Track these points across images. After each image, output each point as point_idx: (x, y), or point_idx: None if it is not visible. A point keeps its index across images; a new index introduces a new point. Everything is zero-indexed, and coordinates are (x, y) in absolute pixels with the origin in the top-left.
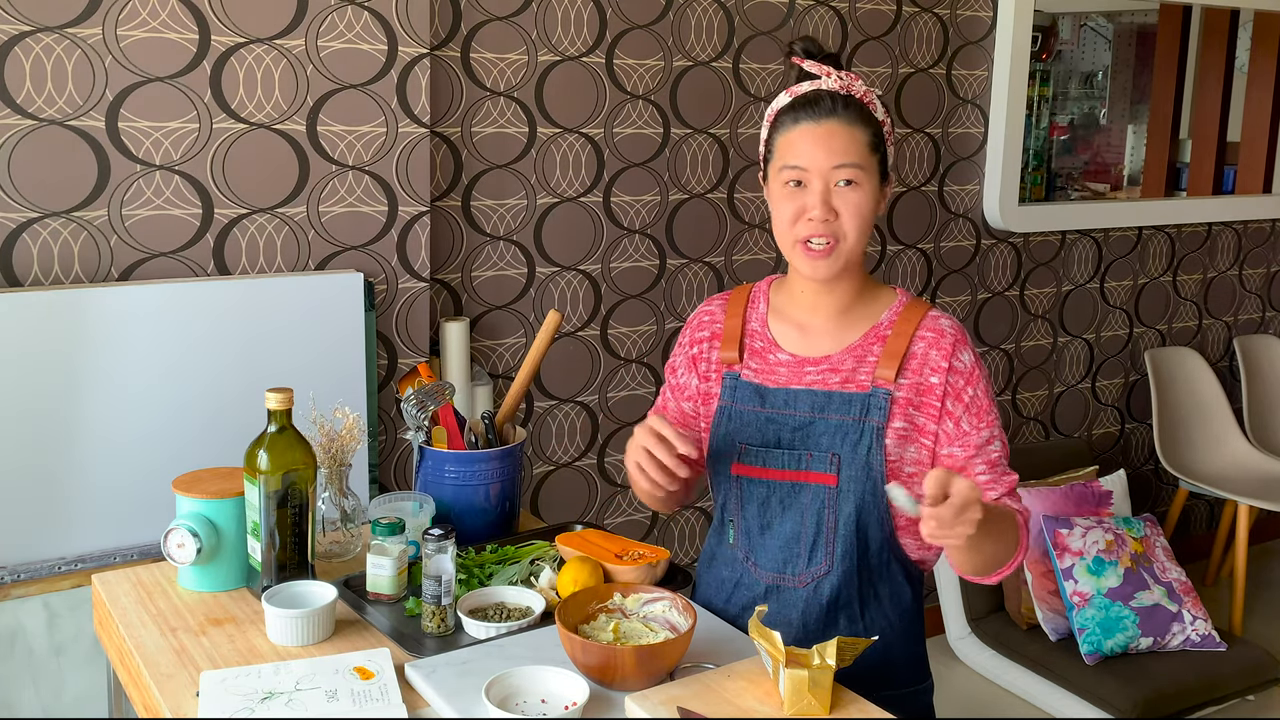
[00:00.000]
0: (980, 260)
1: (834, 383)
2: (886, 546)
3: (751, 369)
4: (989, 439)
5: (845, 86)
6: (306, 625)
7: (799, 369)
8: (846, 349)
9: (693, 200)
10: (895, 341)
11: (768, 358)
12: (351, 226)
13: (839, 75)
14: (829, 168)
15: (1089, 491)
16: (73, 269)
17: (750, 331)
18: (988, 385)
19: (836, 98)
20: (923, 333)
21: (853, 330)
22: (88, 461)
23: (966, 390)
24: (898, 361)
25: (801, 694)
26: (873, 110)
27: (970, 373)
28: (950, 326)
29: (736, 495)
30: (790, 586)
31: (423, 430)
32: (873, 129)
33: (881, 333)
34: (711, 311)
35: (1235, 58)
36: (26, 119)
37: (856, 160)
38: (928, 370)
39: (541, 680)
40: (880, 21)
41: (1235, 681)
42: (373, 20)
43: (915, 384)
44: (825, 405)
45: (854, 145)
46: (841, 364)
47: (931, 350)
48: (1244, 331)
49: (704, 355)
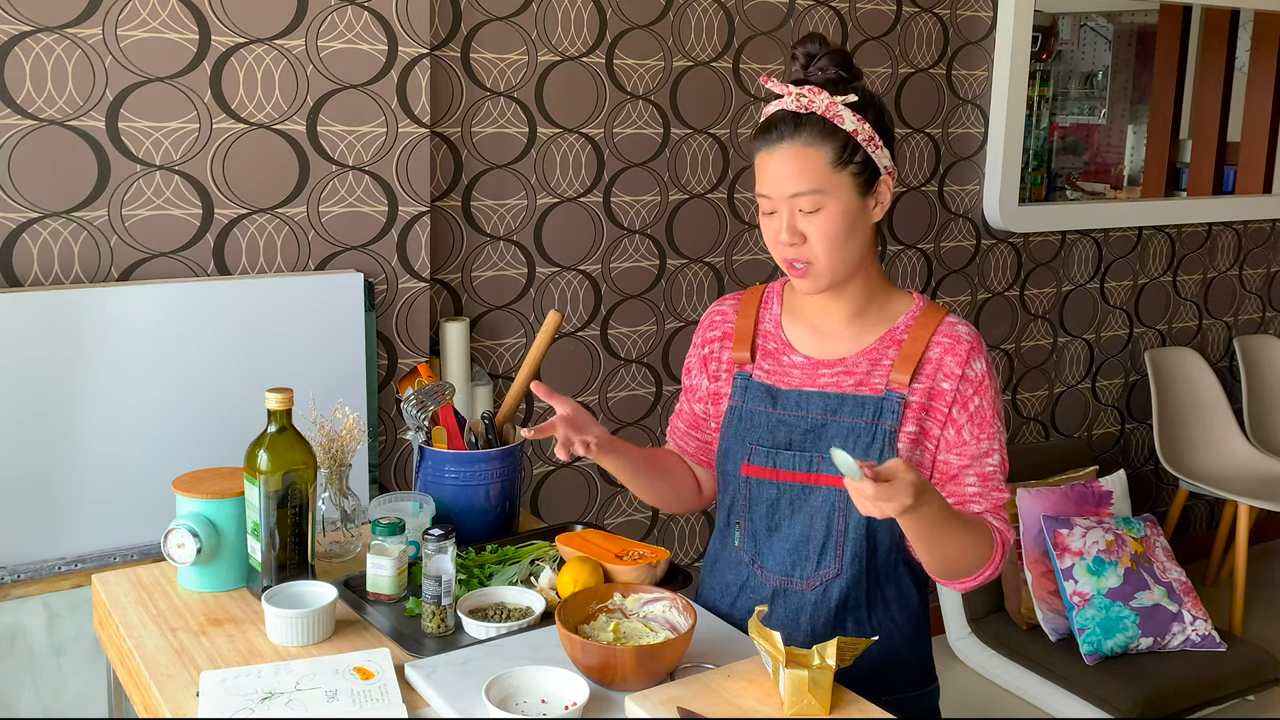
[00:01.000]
0: (980, 260)
1: (848, 385)
2: (894, 549)
3: (764, 369)
4: (987, 451)
5: (805, 105)
6: (306, 625)
7: (813, 371)
8: (862, 352)
9: (693, 200)
10: (911, 346)
11: (781, 359)
12: (351, 226)
13: (799, 93)
14: (788, 196)
15: (1089, 491)
16: (73, 269)
17: (763, 332)
18: (995, 397)
19: (788, 120)
20: (939, 338)
21: (869, 333)
22: (88, 462)
23: (974, 399)
24: (913, 366)
25: (801, 694)
26: (838, 122)
27: (980, 382)
28: (967, 334)
29: (745, 496)
30: (798, 589)
31: (423, 430)
32: (837, 142)
33: (898, 336)
34: (724, 311)
35: (1235, 58)
36: (26, 119)
37: (813, 186)
38: (941, 376)
39: (541, 680)
40: (880, 21)
41: (1235, 681)
42: (373, 20)
43: (928, 389)
44: (839, 408)
45: (809, 169)
46: (856, 366)
47: (947, 356)
48: (1244, 331)
49: (715, 355)
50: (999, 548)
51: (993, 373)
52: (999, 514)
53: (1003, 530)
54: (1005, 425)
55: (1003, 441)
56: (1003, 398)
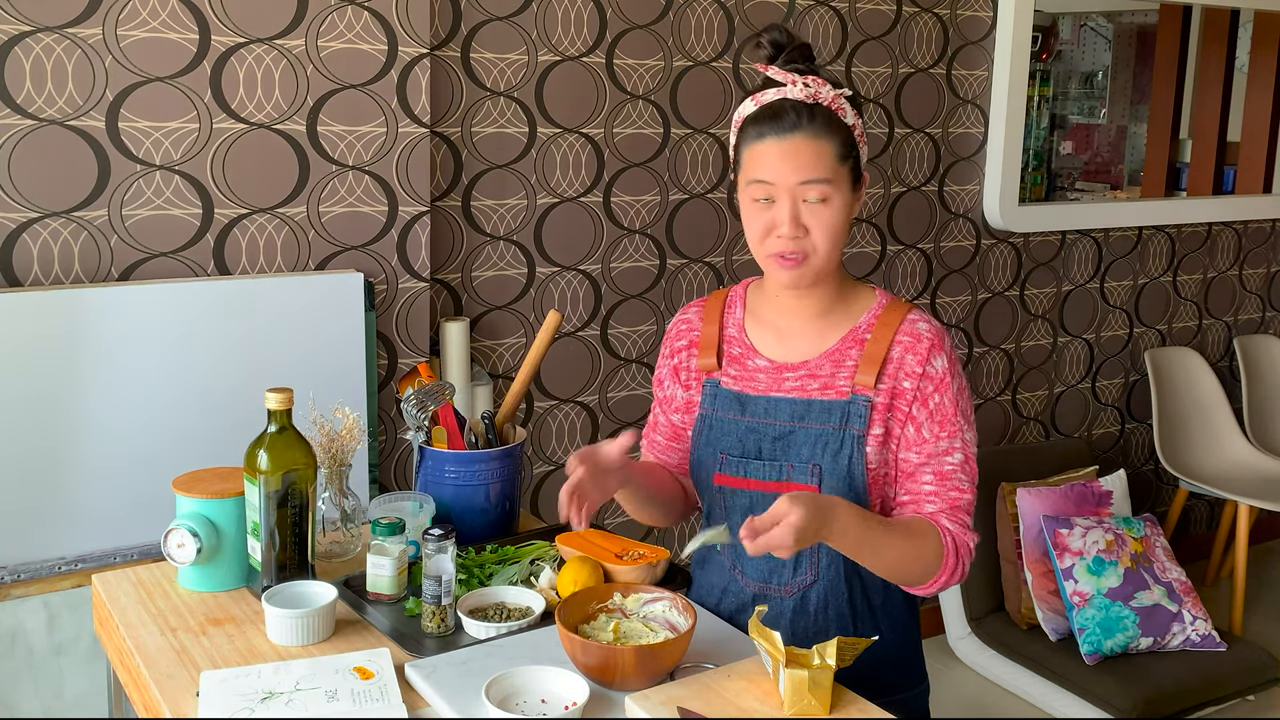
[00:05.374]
0: (980, 260)
1: (813, 389)
2: None
3: (731, 376)
4: (947, 450)
5: (812, 95)
6: (306, 625)
7: (777, 375)
8: (824, 354)
9: (693, 200)
10: (874, 346)
11: (746, 364)
12: (351, 226)
13: (805, 83)
14: (796, 184)
15: (1089, 491)
16: (73, 269)
17: (728, 338)
18: (959, 395)
19: (802, 109)
20: (900, 337)
21: (830, 334)
22: (88, 461)
23: (934, 396)
24: (877, 367)
25: (801, 694)
26: (841, 116)
27: (941, 379)
28: (928, 330)
29: (720, 505)
30: (776, 596)
31: (423, 430)
32: (842, 136)
33: (860, 336)
34: (688, 319)
35: (1235, 58)
36: (26, 119)
37: (825, 175)
38: (903, 375)
39: (541, 680)
40: (880, 21)
41: (1235, 681)
42: (373, 20)
43: (891, 389)
44: (805, 413)
45: (821, 159)
46: (820, 369)
47: (908, 355)
48: (1244, 331)
49: (684, 364)
50: (950, 551)
51: (957, 370)
52: (956, 515)
53: (955, 532)
54: (972, 425)
55: (967, 441)
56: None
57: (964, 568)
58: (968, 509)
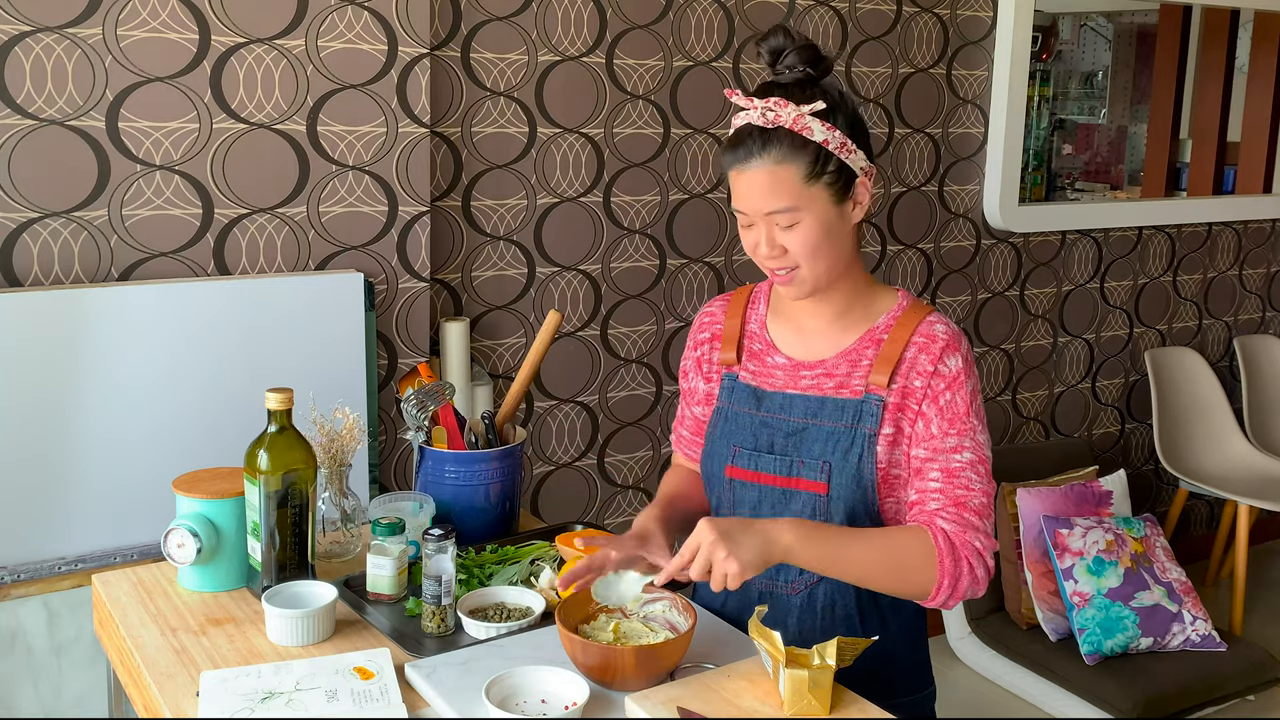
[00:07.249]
0: (980, 260)
1: (828, 388)
2: None
3: (749, 371)
4: (956, 447)
5: (772, 120)
6: (306, 625)
7: (795, 373)
8: (841, 353)
9: (693, 200)
10: (890, 347)
11: (765, 360)
12: (351, 226)
13: (765, 107)
14: (763, 213)
15: (1089, 491)
16: (73, 269)
17: (749, 333)
18: (971, 395)
19: (756, 136)
20: (916, 338)
21: (849, 334)
22: (88, 461)
23: (945, 394)
24: (891, 366)
25: (801, 694)
26: (807, 135)
27: (954, 378)
28: (944, 332)
29: (729, 498)
30: (783, 593)
31: (423, 430)
32: (808, 155)
33: (877, 336)
34: (713, 313)
35: (1235, 58)
36: (26, 119)
37: (787, 203)
38: (914, 374)
39: (541, 680)
40: (880, 21)
41: (1235, 681)
42: (373, 20)
43: (903, 388)
44: (819, 411)
45: (781, 186)
46: (836, 368)
47: (921, 355)
48: (1244, 331)
49: (706, 357)
50: (945, 553)
51: (971, 372)
52: (958, 514)
53: (953, 532)
54: (985, 429)
55: (980, 443)
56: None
57: (972, 573)
58: (977, 510)
